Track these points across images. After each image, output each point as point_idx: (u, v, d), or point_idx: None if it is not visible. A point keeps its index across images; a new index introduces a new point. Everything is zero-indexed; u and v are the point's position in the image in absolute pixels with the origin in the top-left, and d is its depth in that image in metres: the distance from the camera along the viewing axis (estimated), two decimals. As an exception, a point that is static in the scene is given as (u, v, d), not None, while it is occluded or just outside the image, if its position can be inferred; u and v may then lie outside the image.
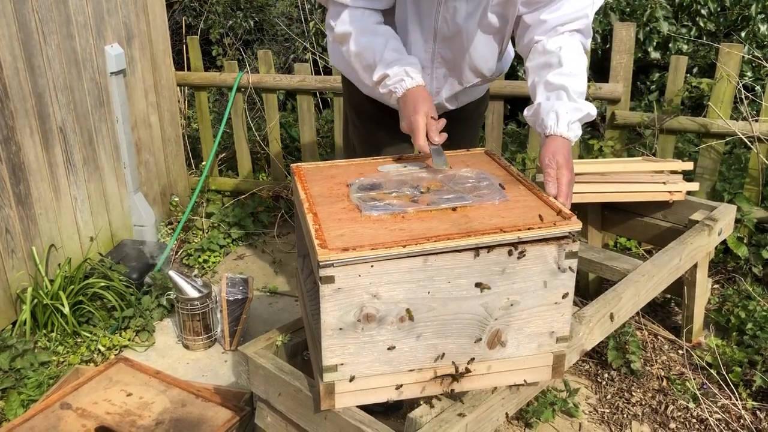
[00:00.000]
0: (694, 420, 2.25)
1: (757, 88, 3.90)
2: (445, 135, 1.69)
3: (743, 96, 3.05)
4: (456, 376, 1.48)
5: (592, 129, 3.91)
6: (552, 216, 1.44)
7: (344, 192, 1.59)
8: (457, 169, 1.68)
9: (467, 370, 1.48)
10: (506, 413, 1.60)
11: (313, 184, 1.65)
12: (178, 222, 3.63)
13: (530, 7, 1.80)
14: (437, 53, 1.91)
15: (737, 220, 2.89)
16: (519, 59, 4.40)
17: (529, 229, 1.38)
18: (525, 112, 1.78)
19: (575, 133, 1.67)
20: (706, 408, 2.26)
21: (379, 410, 1.90)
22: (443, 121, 1.70)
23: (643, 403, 2.34)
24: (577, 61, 1.73)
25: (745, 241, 3.04)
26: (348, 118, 2.27)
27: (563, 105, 1.67)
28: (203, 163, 3.97)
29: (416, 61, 1.79)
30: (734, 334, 2.61)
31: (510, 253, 1.38)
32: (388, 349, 1.41)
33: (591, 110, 1.69)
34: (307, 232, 1.43)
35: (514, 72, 4.38)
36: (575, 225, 1.40)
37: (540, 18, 1.79)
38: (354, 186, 1.60)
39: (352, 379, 1.42)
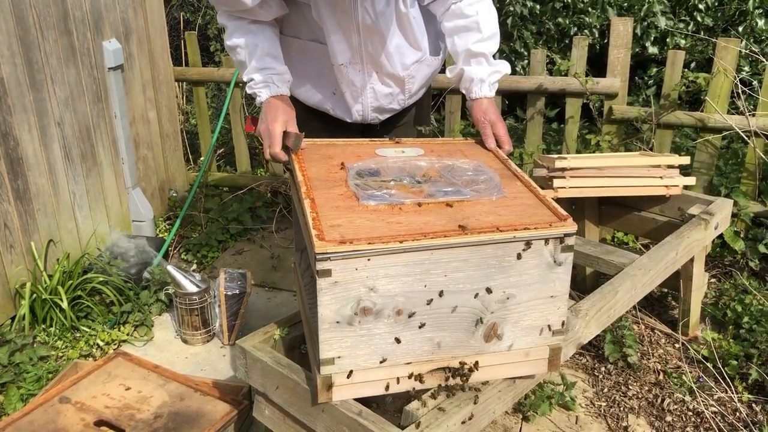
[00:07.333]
0: (691, 413, 2.26)
1: (755, 82, 3.91)
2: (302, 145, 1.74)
3: (740, 91, 3.05)
4: (452, 369, 1.48)
5: (589, 124, 3.92)
6: (548, 216, 1.45)
7: (342, 176, 1.59)
8: (456, 159, 1.68)
9: (464, 363, 1.48)
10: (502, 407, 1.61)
11: (310, 164, 1.64)
12: (177, 217, 3.64)
13: None
14: (364, 46, 1.89)
15: (734, 215, 2.90)
16: (518, 55, 4.45)
17: (525, 229, 1.39)
18: (447, 73, 1.98)
19: (495, 90, 1.93)
20: (703, 401, 2.27)
21: (375, 402, 1.91)
22: (301, 135, 1.74)
23: (640, 396, 2.35)
24: (491, 23, 1.92)
25: (741, 236, 3.05)
26: None
27: (484, 70, 1.89)
28: (201, 158, 3.98)
29: (285, 71, 1.86)
30: (730, 327, 2.62)
31: (506, 247, 1.39)
32: (385, 342, 1.42)
33: (506, 69, 1.93)
34: (304, 218, 1.44)
35: (512, 68, 4.38)
36: (571, 227, 1.41)
37: None
38: (352, 171, 1.59)
39: (349, 374, 1.43)
